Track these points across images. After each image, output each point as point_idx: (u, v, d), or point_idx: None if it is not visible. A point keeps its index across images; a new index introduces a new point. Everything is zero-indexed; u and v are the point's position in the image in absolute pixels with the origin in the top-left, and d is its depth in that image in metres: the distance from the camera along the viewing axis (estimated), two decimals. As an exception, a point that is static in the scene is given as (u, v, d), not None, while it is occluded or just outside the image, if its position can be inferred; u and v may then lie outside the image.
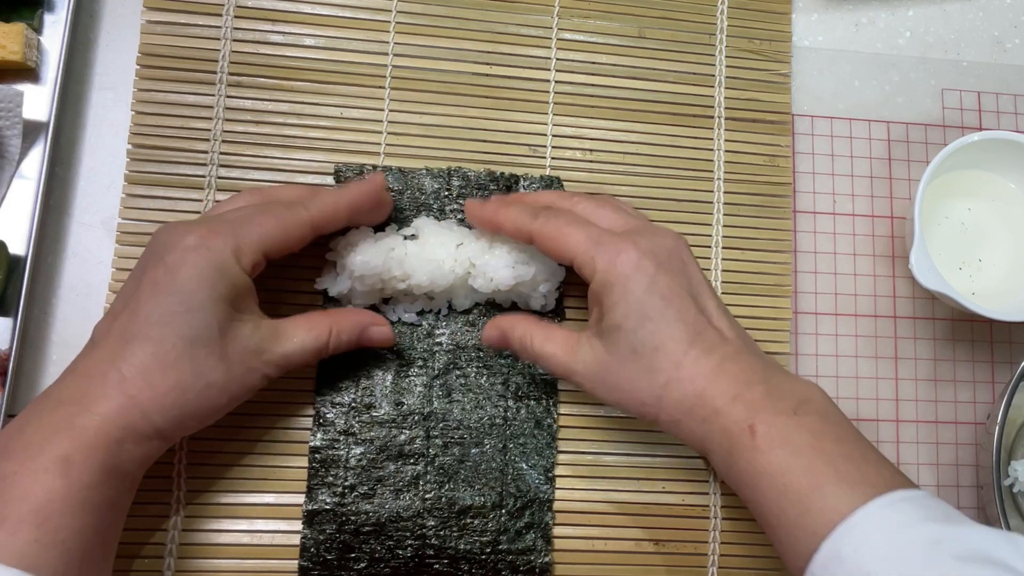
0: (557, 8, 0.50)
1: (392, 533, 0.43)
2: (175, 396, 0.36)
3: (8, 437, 0.35)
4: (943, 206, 0.50)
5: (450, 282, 0.43)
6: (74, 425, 0.34)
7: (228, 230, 0.37)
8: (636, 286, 0.37)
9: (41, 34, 0.46)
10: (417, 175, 0.47)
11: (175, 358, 0.35)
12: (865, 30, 0.53)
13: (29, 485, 0.33)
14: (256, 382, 0.38)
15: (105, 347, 0.36)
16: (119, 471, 0.35)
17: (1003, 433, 0.45)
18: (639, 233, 0.39)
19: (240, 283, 0.37)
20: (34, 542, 0.32)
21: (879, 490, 0.33)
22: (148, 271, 0.36)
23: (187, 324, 0.35)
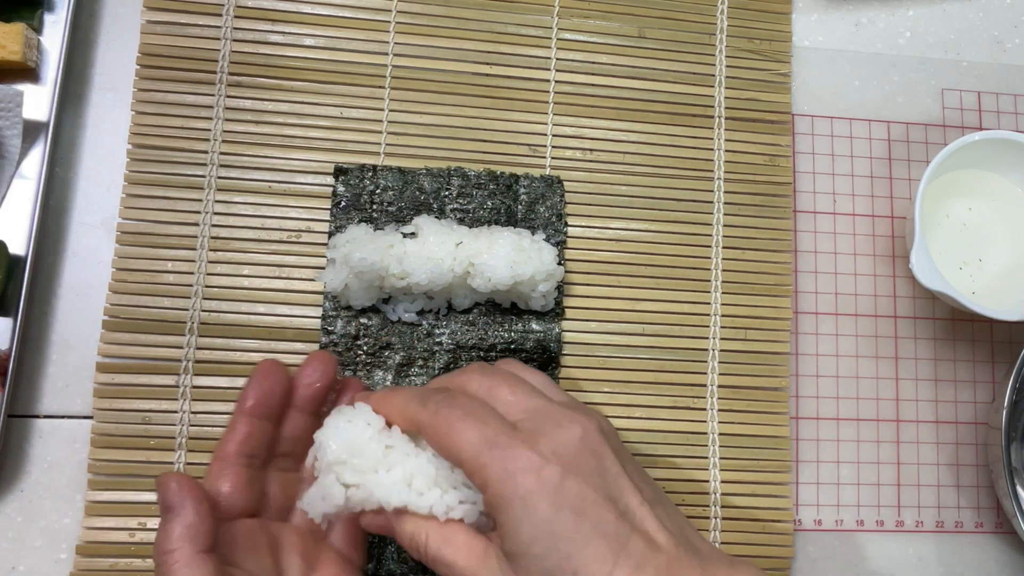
0: (557, 8, 0.50)
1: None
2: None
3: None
4: (943, 206, 0.50)
5: (449, 281, 0.43)
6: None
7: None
8: (539, 502, 0.31)
9: (41, 34, 0.46)
10: (416, 174, 0.47)
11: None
12: (865, 30, 0.53)
13: None
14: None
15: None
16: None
17: (1012, 409, 0.45)
18: (540, 430, 0.33)
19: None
20: None
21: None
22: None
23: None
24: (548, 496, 0.31)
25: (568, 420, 0.33)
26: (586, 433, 0.33)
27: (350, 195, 0.46)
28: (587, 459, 0.32)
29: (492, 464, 0.31)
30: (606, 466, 0.33)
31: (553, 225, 0.47)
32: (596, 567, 0.30)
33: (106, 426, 0.43)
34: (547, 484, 0.31)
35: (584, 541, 0.31)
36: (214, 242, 0.45)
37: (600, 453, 0.33)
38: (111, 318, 0.44)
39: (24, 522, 0.43)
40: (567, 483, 0.31)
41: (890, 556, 0.48)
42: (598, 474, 0.32)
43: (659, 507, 0.33)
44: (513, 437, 0.32)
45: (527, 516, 0.31)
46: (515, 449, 0.32)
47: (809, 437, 0.49)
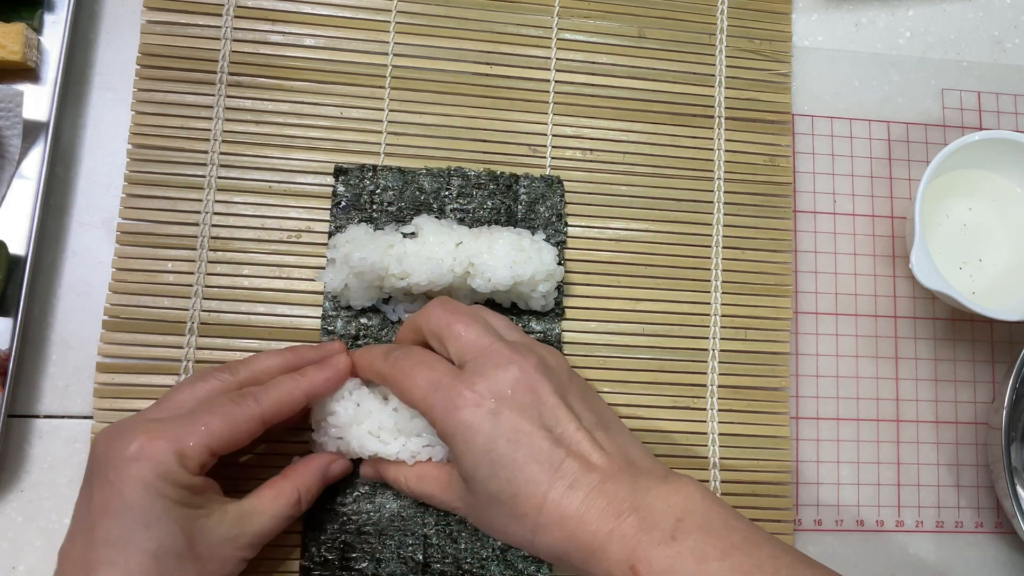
0: (557, 8, 0.50)
1: (393, 533, 0.43)
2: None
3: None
4: (943, 206, 0.50)
5: (449, 281, 0.43)
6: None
7: (170, 434, 0.35)
8: (478, 434, 0.35)
9: (41, 34, 0.46)
10: (416, 175, 0.47)
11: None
12: (865, 30, 0.53)
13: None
14: (233, 568, 0.37)
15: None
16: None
17: (1012, 409, 0.45)
18: (480, 370, 0.36)
19: (193, 485, 0.35)
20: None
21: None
22: (95, 493, 0.35)
23: (148, 539, 0.34)
24: (485, 429, 0.35)
25: (507, 360, 0.37)
26: (523, 371, 0.37)
27: (350, 195, 0.46)
28: (523, 394, 0.36)
29: (436, 404, 0.36)
30: (542, 398, 0.36)
31: (553, 225, 0.47)
32: (532, 488, 0.35)
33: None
34: (483, 418, 0.35)
35: (520, 466, 0.35)
36: (214, 242, 0.45)
37: (536, 388, 0.36)
38: (111, 318, 0.44)
39: (24, 522, 0.43)
40: (501, 417, 0.35)
41: (890, 556, 0.48)
42: (533, 407, 0.36)
43: (600, 431, 0.37)
44: (456, 378, 0.36)
45: (468, 447, 0.35)
46: (456, 389, 0.36)
47: (809, 437, 0.49)
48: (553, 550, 0.35)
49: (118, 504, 0.34)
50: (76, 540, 0.35)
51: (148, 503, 0.34)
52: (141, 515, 0.34)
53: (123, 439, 0.35)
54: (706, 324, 0.48)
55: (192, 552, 0.35)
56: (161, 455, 0.34)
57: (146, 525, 0.34)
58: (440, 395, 0.36)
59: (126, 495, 0.34)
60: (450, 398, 0.36)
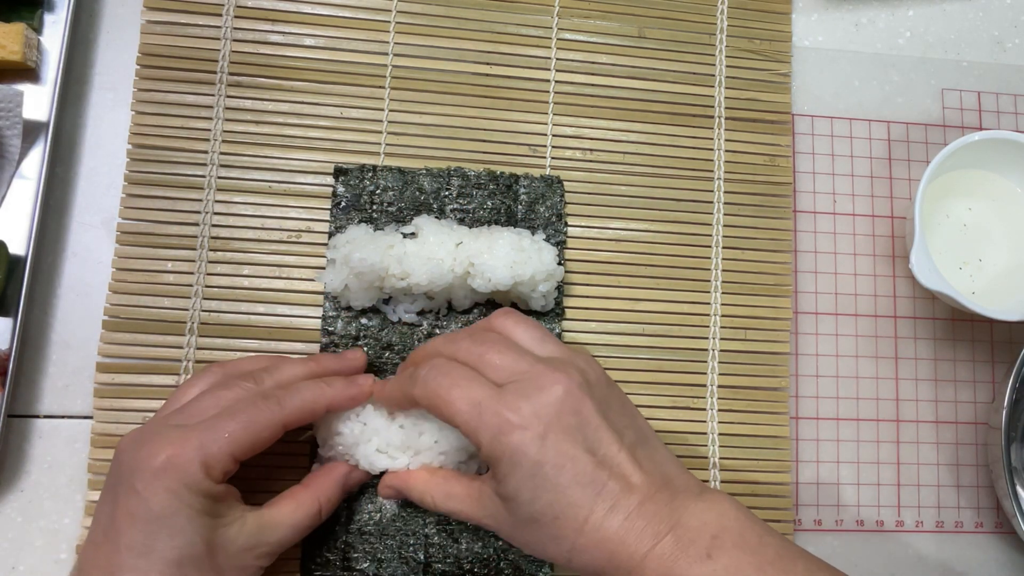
0: (557, 8, 0.50)
1: (394, 533, 0.43)
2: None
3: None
4: (943, 206, 0.50)
5: (449, 281, 0.43)
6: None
7: (195, 443, 0.35)
8: (524, 458, 0.35)
9: (41, 34, 0.46)
10: (416, 175, 0.47)
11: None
12: (865, 30, 0.53)
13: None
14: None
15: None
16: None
17: (1012, 409, 0.45)
18: (523, 392, 0.36)
19: (216, 493, 0.36)
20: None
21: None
22: (120, 499, 0.35)
23: (170, 548, 0.34)
24: (531, 454, 0.35)
25: (550, 381, 0.36)
26: (567, 392, 0.36)
27: (350, 195, 0.46)
28: (567, 417, 0.35)
29: (482, 428, 0.35)
30: (586, 419, 0.36)
31: (553, 225, 0.47)
32: (574, 511, 0.34)
33: (106, 426, 0.43)
34: (530, 443, 0.35)
35: (564, 490, 0.35)
36: (214, 242, 0.45)
37: (580, 409, 0.36)
38: (111, 318, 0.44)
39: (24, 522, 0.43)
40: (548, 440, 0.35)
41: (890, 556, 0.48)
42: (578, 429, 0.36)
43: (639, 449, 0.37)
44: (498, 401, 0.35)
45: (513, 471, 0.35)
46: (501, 414, 0.35)
47: (809, 437, 0.49)
48: (590, 569, 0.35)
49: (144, 513, 0.34)
50: (100, 545, 0.35)
51: (172, 513, 0.34)
52: (165, 525, 0.34)
53: (150, 448, 0.35)
54: (706, 324, 0.48)
55: (212, 562, 0.35)
56: (187, 465, 0.35)
57: (170, 535, 0.34)
58: (485, 419, 0.35)
59: (152, 504, 0.34)
60: (496, 423, 0.35)
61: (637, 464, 0.36)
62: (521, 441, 0.35)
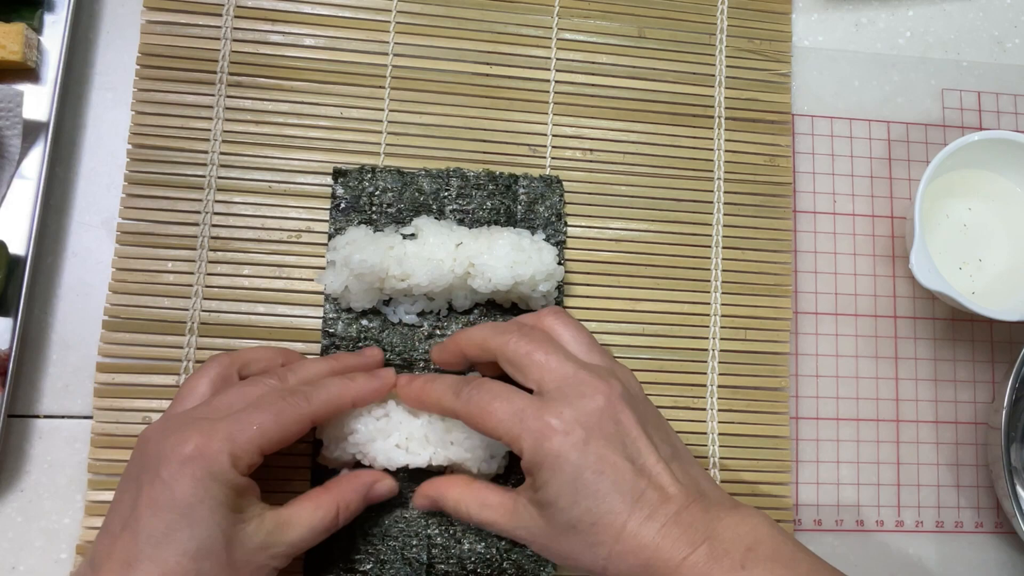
0: (557, 8, 0.50)
1: (397, 535, 0.43)
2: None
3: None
4: (943, 206, 0.50)
5: (449, 282, 0.43)
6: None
7: (223, 434, 0.35)
8: (566, 463, 0.35)
9: (41, 34, 0.46)
10: (416, 176, 0.47)
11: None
12: (865, 30, 0.53)
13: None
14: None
15: (107, 574, 0.34)
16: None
17: (1011, 409, 0.45)
18: (566, 398, 0.36)
19: (239, 486, 0.36)
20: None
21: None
22: (144, 488, 0.35)
23: (189, 538, 0.34)
24: (572, 459, 0.35)
25: (593, 389, 0.37)
26: (609, 400, 0.37)
27: (349, 197, 0.46)
28: (608, 424, 0.36)
29: (524, 434, 0.36)
30: (626, 429, 0.36)
31: (553, 225, 0.47)
32: (612, 517, 0.35)
33: (106, 426, 0.43)
34: (572, 448, 0.35)
35: (603, 496, 0.35)
36: (214, 242, 0.45)
37: (620, 419, 0.37)
38: (111, 318, 0.44)
39: (24, 522, 0.43)
40: (590, 446, 0.35)
41: (890, 556, 0.48)
42: (618, 437, 0.36)
43: (675, 463, 0.37)
44: (540, 408, 0.36)
45: (555, 476, 0.35)
46: (543, 419, 0.36)
47: (809, 437, 0.49)
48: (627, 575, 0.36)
49: (167, 501, 0.34)
50: (117, 536, 0.35)
51: (196, 502, 0.34)
52: (187, 514, 0.34)
53: (178, 437, 0.35)
54: (706, 324, 0.48)
55: (229, 557, 0.35)
56: (216, 454, 0.35)
57: (190, 524, 0.34)
58: (527, 426, 0.36)
59: (176, 492, 0.34)
60: (538, 428, 0.36)
61: (673, 475, 0.36)
62: (563, 446, 0.35)
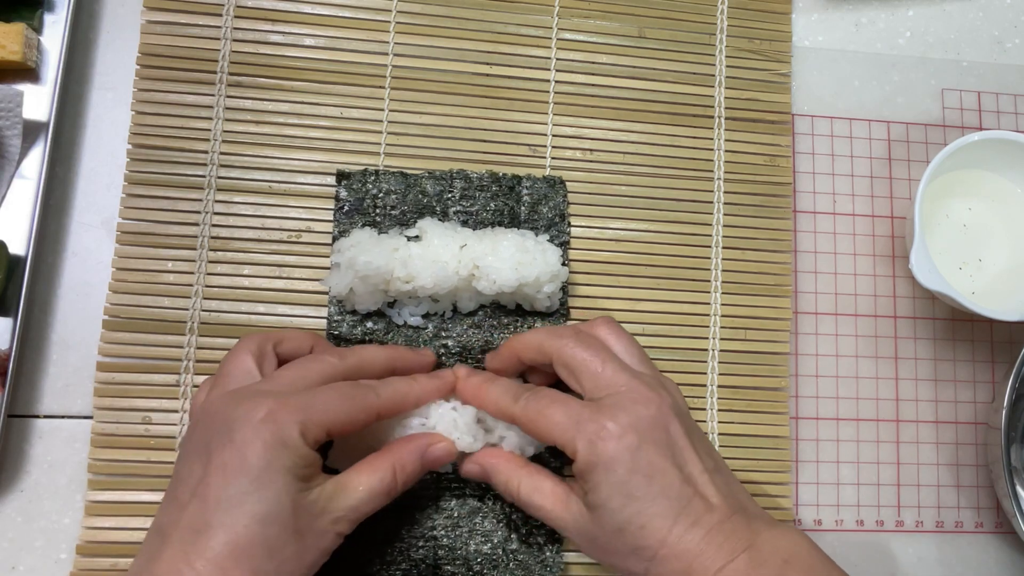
0: (557, 8, 0.50)
1: (403, 535, 0.43)
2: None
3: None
4: (943, 206, 0.50)
5: (454, 284, 0.43)
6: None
7: (297, 405, 0.36)
8: (618, 466, 0.37)
9: (41, 34, 0.46)
10: (419, 178, 0.47)
11: (249, 542, 0.34)
12: (865, 30, 0.53)
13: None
14: (329, 544, 0.37)
15: (176, 543, 0.34)
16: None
17: (1011, 409, 0.46)
18: (620, 404, 0.38)
19: (306, 457, 0.36)
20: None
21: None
22: (215, 453, 0.35)
23: (257, 502, 0.34)
24: (625, 462, 0.36)
25: (646, 398, 0.38)
26: (660, 409, 0.38)
27: (353, 199, 0.46)
28: (659, 432, 0.38)
29: (579, 437, 0.37)
30: (675, 439, 0.38)
31: (556, 226, 0.47)
32: (660, 522, 0.36)
33: (106, 426, 0.43)
34: (625, 452, 0.37)
35: (652, 500, 0.36)
36: (214, 242, 0.45)
37: (670, 428, 0.38)
38: (111, 318, 0.44)
39: (24, 522, 0.43)
40: (641, 452, 0.37)
41: (890, 556, 0.48)
42: (667, 445, 0.38)
43: (717, 475, 0.38)
44: (596, 413, 0.38)
45: (607, 477, 0.37)
46: (599, 420, 0.37)
47: (809, 437, 0.49)
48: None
49: (238, 464, 0.34)
50: (185, 504, 0.35)
51: (266, 466, 0.34)
52: (258, 478, 0.34)
53: (251, 403, 0.35)
54: (706, 324, 0.48)
55: (296, 523, 0.35)
56: (288, 423, 0.35)
57: (259, 488, 0.34)
58: (582, 429, 0.37)
59: (248, 455, 0.34)
60: (594, 431, 0.37)
61: (716, 487, 0.38)
62: (616, 450, 0.36)
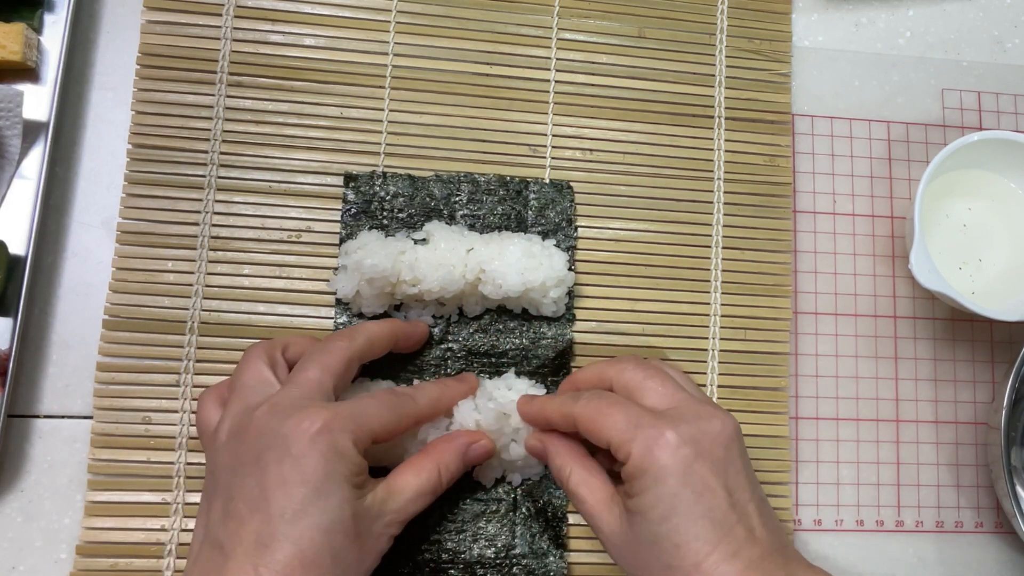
0: (557, 8, 0.50)
1: (407, 538, 0.43)
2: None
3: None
4: (943, 206, 0.50)
5: (460, 288, 0.43)
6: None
7: (348, 415, 0.36)
8: (669, 477, 0.35)
9: (41, 34, 0.46)
10: (426, 181, 0.47)
11: (316, 552, 0.34)
12: (865, 30, 0.53)
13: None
14: (384, 546, 0.38)
15: (242, 556, 0.34)
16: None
17: (1011, 410, 0.45)
18: (682, 417, 0.37)
19: (359, 464, 0.36)
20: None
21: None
22: (271, 467, 0.35)
23: (321, 512, 0.34)
24: (677, 473, 0.35)
25: (708, 415, 0.38)
26: (723, 430, 0.37)
27: (360, 202, 0.46)
28: (717, 451, 0.37)
29: (637, 439, 0.36)
30: (730, 461, 0.37)
31: (563, 230, 0.47)
32: (698, 545, 0.35)
33: (106, 426, 0.43)
34: (679, 463, 0.35)
35: (694, 520, 0.35)
36: (214, 242, 0.45)
37: (728, 449, 0.37)
38: (111, 318, 0.44)
39: (24, 522, 0.43)
40: (696, 466, 0.36)
41: (890, 556, 0.48)
42: (723, 466, 0.36)
43: (764, 507, 0.37)
44: (658, 419, 0.37)
45: (654, 486, 0.35)
46: (659, 427, 0.36)
47: (809, 437, 0.49)
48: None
49: (297, 477, 0.34)
50: (245, 519, 0.34)
51: (325, 477, 0.34)
52: (318, 487, 0.34)
53: (303, 415, 0.35)
54: (706, 324, 0.48)
55: (356, 529, 0.35)
56: (341, 433, 0.35)
57: (321, 498, 0.34)
58: (641, 431, 0.36)
59: (307, 469, 0.34)
60: (652, 435, 0.36)
61: (761, 520, 0.37)
62: (671, 459, 0.35)
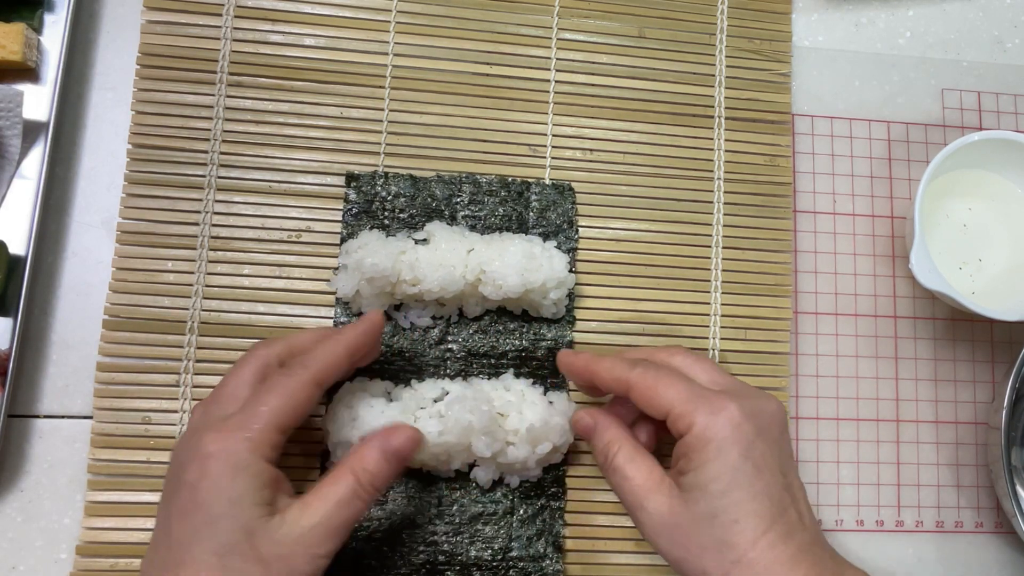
0: (557, 8, 0.50)
1: (404, 540, 0.43)
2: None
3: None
4: (943, 206, 0.50)
5: (460, 288, 0.43)
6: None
7: (236, 424, 0.35)
8: (733, 448, 0.35)
9: (41, 34, 0.46)
10: (428, 181, 0.47)
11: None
12: (865, 30, 0.53)
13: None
14: (304, 565, 0.35)
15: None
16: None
17: (1011, 410, 0.46)
18: (740, 394, 0.38)
19: (266, 476, 0.35)
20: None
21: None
22: (173, 498, 0.35)
23: (212, 536, 0.34)
24: (741, 446, 0.35)
25: (764, 396, 0.38)
26: (778, 409, 0.38)
27: (361, 201, 0.46)
28: (775, 430, 0.37)
29: (699, 409, 0.36)
30: (784, 443, 0.38)
31: (564, 232, 0.47)
32: (755, 522, 0.35)
33: (106, 426, 0.43)
34: (743, 436, 0.36)
35: (754, 495, 0.35)
36: (214, 242, 0.45)
37: (783, 432, 0.38)
38: (111, 318, 0.44)
39: (24, 522, 0.43)
40: (757, 442, 0.36)
41: (890, 556, 0.48)
42: (779, 446, 0.37)
43: (806, 496, 0.38)
44: (718, 394, 0.37)
45: (718, 457, 0.35)
46: (720, 401, 0.36)
47: (809, 437, 0.49)
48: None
49: (189, 505, 0.34)
50: (157, 547, 0.35)
51: (215, 497, 0.34)
52: (208, 510, 0.34)
53: (196, 439, 0.35)
54: (706, 324, 0.48)
55: (254, 552, 0.34)
56: (234, 446, 0.35)
57: (211, 520, 0.34)
58: (705, 401, 0.36)
59: (199, 491, 0.34)
60: (716, 407, 0.36)
61: (807, 507, 0.37)
62: (735, 432, 0.35)
